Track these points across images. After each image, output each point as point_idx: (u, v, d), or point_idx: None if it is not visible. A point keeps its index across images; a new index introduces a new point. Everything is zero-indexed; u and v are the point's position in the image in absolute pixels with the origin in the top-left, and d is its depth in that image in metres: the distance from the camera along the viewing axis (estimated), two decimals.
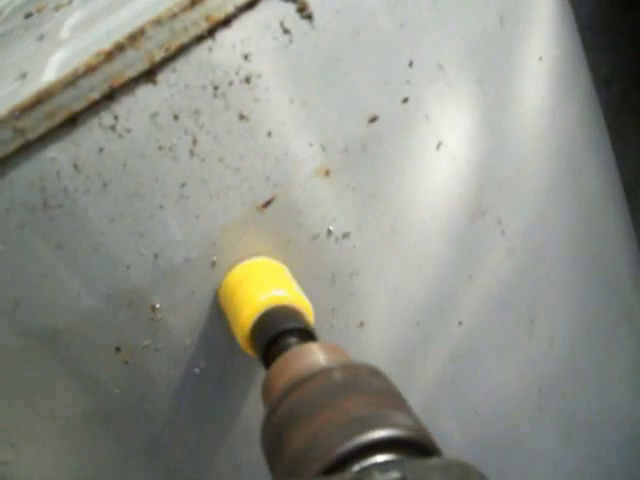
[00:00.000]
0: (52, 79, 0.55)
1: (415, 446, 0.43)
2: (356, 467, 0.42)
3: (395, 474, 0.40)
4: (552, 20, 0.75)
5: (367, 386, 0.48)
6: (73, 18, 0.73)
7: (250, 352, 0.58)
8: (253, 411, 0.66)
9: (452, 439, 0.76)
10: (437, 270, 0.69)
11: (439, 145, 0.65)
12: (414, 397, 0.51)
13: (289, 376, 0.51)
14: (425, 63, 0.63)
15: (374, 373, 0.50)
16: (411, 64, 0.62)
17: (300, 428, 0.46)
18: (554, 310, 0.79)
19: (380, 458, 0.42)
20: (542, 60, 0.73)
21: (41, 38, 0.74)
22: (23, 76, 0.65)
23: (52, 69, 0.61)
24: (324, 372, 0.49)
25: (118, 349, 0.62)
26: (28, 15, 0.86)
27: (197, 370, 0.64)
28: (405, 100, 0.62)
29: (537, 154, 0.74)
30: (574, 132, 0.80)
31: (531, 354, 0.78)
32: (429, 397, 0.73)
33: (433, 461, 0.42)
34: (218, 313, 0.61)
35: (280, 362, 0.53)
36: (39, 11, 0.84)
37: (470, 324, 0.72)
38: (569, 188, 0.79)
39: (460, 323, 0.71)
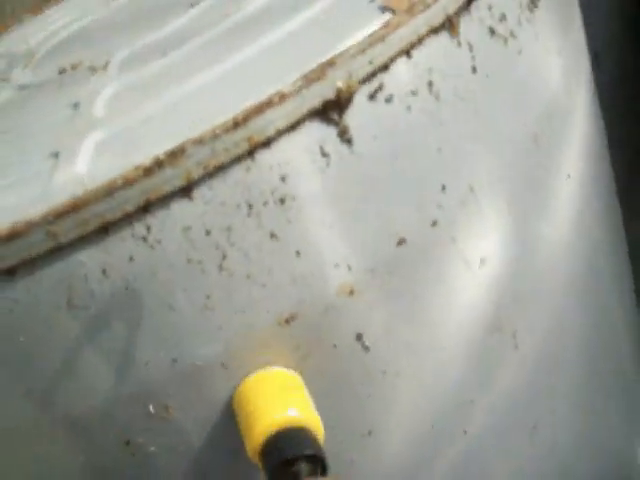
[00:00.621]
0: (86, 175, 0.55)
1: None
2: None
3: None
4: (584, 139, 0.74)
5: None
6: (108, 91, 0.72)
7: (259, 465, 0.58)
8: None
9: None
10: (452, 384, 0.68)
11: (463, 265, 0.65)
12: None
13: None
14: (457, 186, 0.62)
15: None
16: (444, 188, 0.62)
17: None
18: (557, 416, 0.79)
19: None
20: (570, 178, 0.72)
21: (75, 107, 0.73)
22: (55, 155, 0.64)
23: (86, 155, 0.61)
24: None
25: (128, 443, 0.62)
26: (62, 71, 0.85)
27: (204, 473, 0.63)
28: (434, 223, 0.62)
29: (556, 271, 0.74)
30: (592, 251, 0.79)
31: (531, 459, 0.78)
32: None
33: None
34: (230, 420, 0.61)
35: None
36: (73, 68, 0.83)
37: (475, 432, 0.71)
38: (584, 303, 0.79)
39: (465, 432, 0.71)
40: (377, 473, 0.68)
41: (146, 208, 0.54)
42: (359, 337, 0.62)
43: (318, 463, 0.55)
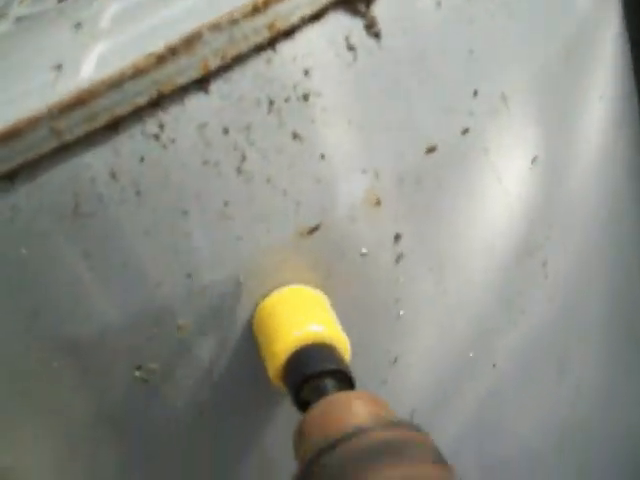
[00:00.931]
0: (92, 76, 0.50)
1: None
2: None
3: None
4: (614, 59, 0.70)
5: (413, 451, 0.43)
6: (114, 7, 0.67)
7: (280, 386, 0.53)
8: (274, 446, 0.61)
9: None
10: (479, 309, 0.64)
11: (495, 180, 0.60)
12: (441, 438, 0.46)
13: (327, 430, 0.46)
14: (490, 93, 0.58)
15: (420, 434, 0.45)
16: (476, 93, 0.57)
17: None
18: (584, 359, 0.75)
19: None
20: (602, 99, 0.68)
21: (78, 26, 0.68)
22: (58, 67, 0.59)
23: (91, 63, 0.56)
24: (366, 430, 0.44)
25: (139, 367, 0.57)
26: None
27: (219, 396, 0.58)
28: (465, 131, 0.57)
29: (588, 196, 0.69)
30: (622, 176, 0.75)
31: (557, 401, 0.74)
32: (456, 438, 0.68)
33: None
34: (248, 340, 0.56)
35: (316, 412, 0.48)
36: None
37: (504, 367, 0.67)
38: (613, 235, 0.74)
39: (494, 365, 0.67)
40: (402, 403, 0.63)
41: (158, 102, 0.50)
42: (384, 251, 0.57)
43: (344, 379, 0.50)
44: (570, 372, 0.73)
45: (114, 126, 0.49)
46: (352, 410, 0.46)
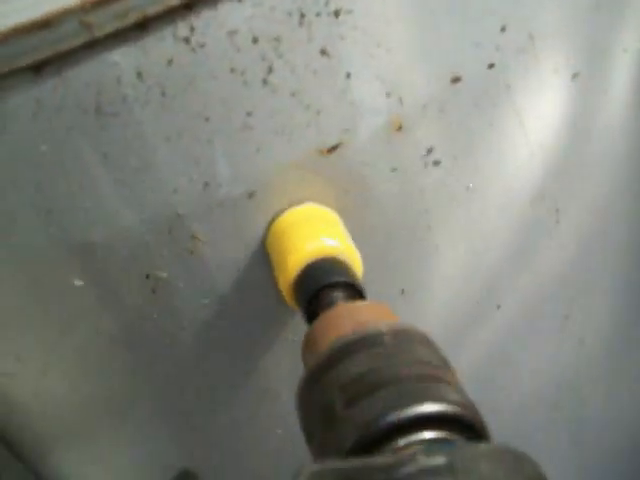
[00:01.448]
0: None
1: (465, 425, 0.39)
2: (402, 442, 0.38)
3: (441, 459, 0.35)
4: None
5: (419, 355, 0.43)
6: None
7: (291, 302, 0.53)
8: (279, 366, 0.61)
9: None
10: (491, 247, 0.64)
11: (515, 118, 0.60)
12: None
13: (334, 335, 0.45)
14: (518, 31, 0.57)
15: (426, 341, 0.45)
16: (503, 29, 0.57)
17: (345, 392, 0.41)
18: (589, 311, 0.74)
19: (428, 434, 0.38)
20: (626, 52, 0.67)
21: None
22: None
23: None
24: (372, 335, 0.44)
25: (148, 276, 0.57)
26: None
27: (227, 310, 0.58)
28: (491, 66, 0.57)
29: (608, 149, 0.69)
30: None
31: (560, 350, 0.74)
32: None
33: (483, 447, 0.37)
34: (261, 255, 0.56)
35: (324, 319, 0.48)
36: None
37: (508, 309, 0.67)
38: (630, 192, 0.74)
39: (499, 307, 0.67)
40: None
41: (191, 5, 0.49)
42: (403, 175, 0.57)
43: (356, 292, 0.50)
44: (574, 322, 0.72)
45: (145, 26, 0.49)
46: (364, 316, 0.46)
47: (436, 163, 0.58)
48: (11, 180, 0.52)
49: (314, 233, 0.53)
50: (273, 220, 0.55)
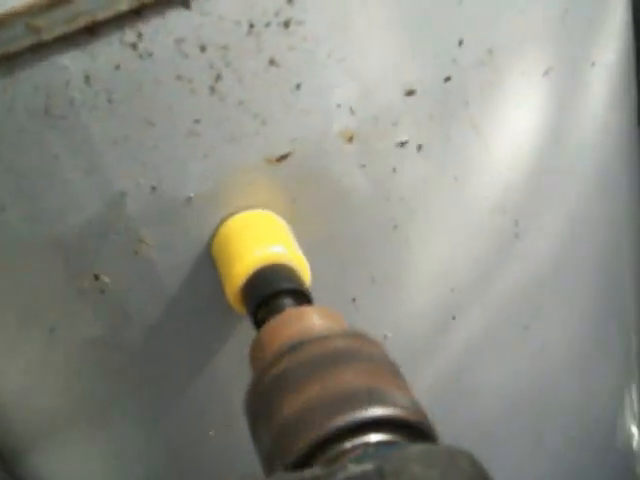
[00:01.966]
0: None
1: (411, 428, 0.39)
2: (348, 445, 0.38)
3: (369, 466, 0.35)
4: (613, 23, 0.68)
5: (365, 358, 0.43)
6: None
7: (239, 309, 0.53)
8: (228, 368, 0.62)
9: None
10: (448, 259, 0.63)
11: (472, 131, 0.60)
12: None
13: (282, 340, 0.46)
14: (476, 44, 0.57)
15: (373, 344, 0.45)
16: (461, 43, 0.56)
17: (290, 397, 0.41)
18: (549, 322, 0.74)
19: (374, 437, 0.38)
20: (594, 66, 0.66)
21: None
22: None
23: None
24: (320, 339, 0.44)
25: (97, 277, 0.57)
26: None
27: (175, 312, 0.58)
28: (447, 79, 0.57)
29: (572, 162, 0.68)
30: (612, 148, 0.74)
31: (520, 360, 0.74)
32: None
33: (415, 448, 0.36)
34: (208, 259, 0.56)
35: (272, 324, 0.48)
36: None
37: (464, 320, 0.67)
38: (592, 204, 0.73)
39: (454, 318, 0.66)
40: None
41: (139, 12, 0.49)
42: (352, 189, 0.57)
43: (303, 298, 0.50)
44: (534, 332, 0.72)
45: (93, 30, 0.49)
46: (311, 320, 0.46)
47: (388, 176, 0.57)
48: None
49: (261, 240, 0.53)
50: (220, 225, 0.55)
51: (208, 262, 0.56)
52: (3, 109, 0.50)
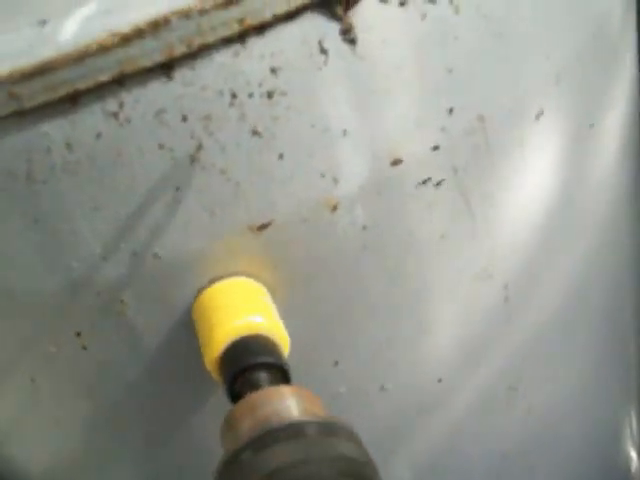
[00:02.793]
0: (57, 46, 0.48)
1: None
2: None
3: None
4: (615, 86, 0.67)
5: (342, 451, 0.42)
6: None
7: (216, 377, 0.52)
8: (204, 433, 0.61)
9: None
10: (433, 323, 0.62)
11: (461, 198, 0.58)
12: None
13: (256, 421, 0.45)
14: (466, 112, 0.55)
15: (351, 437, 0.44)
16: (451, 111, 0.55)
17: None
18: (536, 382, 0.73)
19: None
20: (592, 127, 0.65)
21: None
22: (42, 23, 0.57)
23: (75, 26, 0.54)
24: (297, 425, 0.43)
25: (79, 334, 0.56)
26: None
27: (155, 372, 0.58)
28: (435, 148, 0.55)
29: (564, 227, 0.67)
30: (613, 208, 0.72)
31: (506, 419, 0.72)
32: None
33: None
34: (187, 326, 0.55)
35: (247, 402, 0.47)
36: None
37: (449, 382, 0.65)
38: (581, 267, 0.72)
39: (440, 380, 0.65)
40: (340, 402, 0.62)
41: (121, 81, 0.48)
42: (337, 254, 0.56)
43: (280, 374, 0.49)
44: (521, 393, 0.71)
45: (74, 99, 0.48)
46: (287, 402, 0.45)
47: (373, 244, 0.56)
48: None
49: (241, 309, 0.52)
50: (200, 291, 0.54)
51: (188, 326, 0.55)
52: None
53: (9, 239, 0.52)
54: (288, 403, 0.46)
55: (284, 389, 0.47)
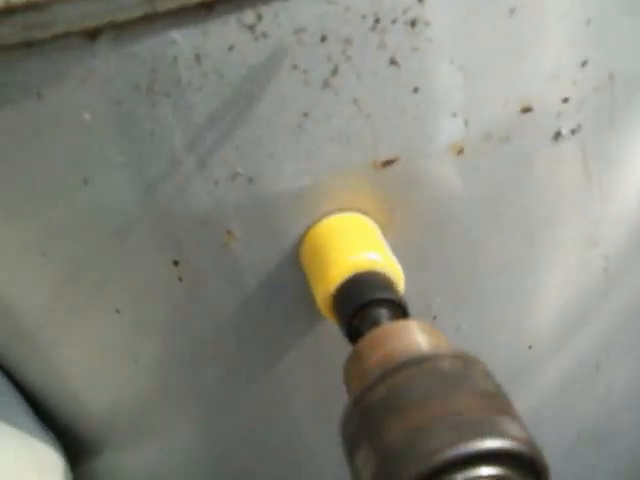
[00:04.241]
0: None
1: (525, 462, 0.35)
2: (459, 477, 0.34)
3: None
4: None
5: (478, 384, 0.38)
6: None
7: (328, 313, 0.49)
8: (297, 371, 0.58)
9: None
10: (534, 290, 0.59)
11: (581, 162, 0.55)
12: None
13: (386, 355, 0.41)
14: (598, 67, 0.52)
15: (485, 371, 0.40)
16: (584, 64, 0.52)
17: (400, 419, 0.37)
18: (620, 362, 0.70)
19: (485, 471, 0.35)
20: None
21: None
22: None
23: None
24: (426, 359, 0.40)
25: (176, 263, 0.53)
26: None
27: (253, 309, 0.54)
28: (565, 100, 0.52)
29: None
30: None
31: (586, 398, 0.69)
32: None
33: None
34: (296, 260, 0.52)
35: (374, 337, 0.44)
36: None
37: (540, 349, 0.62)
38: None
39: (530, 347, 0.62)
40: None
41: None
42: (455, 203, 0.53)
43: (399, 309, 0.46)
44: (604, 372, 0.68)
45: (210, 7, 0.45)
46: (416, 337, 0.42)
47: (488, 195, 0.53)
48: (53, 144, 0.48)
49: (357, 245, 0.49)
50: (312, 226, 0.51)
51: (295, 263, 0.52)
52: (103, 78, 0.46)
53: (118, 152, 0.48)
54: (416, 337, 0.43)
55: (410, 323, 0.44)
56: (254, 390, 0.60)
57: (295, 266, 0.52)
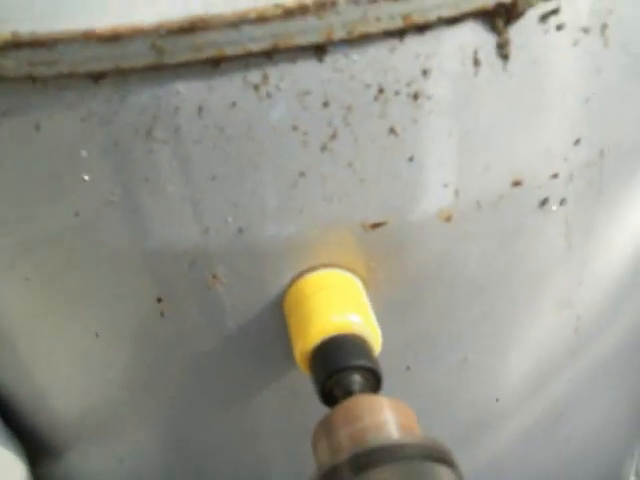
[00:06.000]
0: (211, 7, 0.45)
1: None
2: None
3: None
4: None
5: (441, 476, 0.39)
6: None
7: (304, 369, 0.50)
8: (270, 414, 0.59)
9: None
10: (511, 346, 0.60)
11: (564, 230, 0.56)
12: None
13: (353, 435, 0.43)
14: (591, 145, 0.53)
15: (449, 460, 0.41)
16: (577, 142, 0.52)
17: None
18: (581, 412, 0.71)
19: None
20: None
21: None
22: None
23: None
24: (396, 448, 0.41)
25: (160, 300, 0.53)
26: None
27: (232, 351, 0.55)
28: (555, 176, 0.53)
29: None
30: None
31: (547, 448, 0.71)
32: None
33: None
34: (278, 310, 0.52)
35: (344, 410, 0.44)
36: None
37: (506, 402, 0.64)
38: None
39: (497, 400, 0.64)
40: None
41: (270, 55, 0.45)
42: (439, 265, 0.54)
43: (373, 377, 0.47)
44: (566, 420, 0.70)
45: (217, 63, 0.45)
46: (385, 416, 0.43)
47: (478, 261, 0.54)
48: (48, 175, 0.48)
49: (340, 305, 0.50)
50: (298, 279, 0.51)
51: (278, 312, 0.52)
52: (102, 118, 0.46)
53: (110, 191, 0.48)
54: (387, 417, 0.43)
55: (382, 400, 0.45)
56: (224, 421, 0.61)
57: (277, 315, 0.52)
